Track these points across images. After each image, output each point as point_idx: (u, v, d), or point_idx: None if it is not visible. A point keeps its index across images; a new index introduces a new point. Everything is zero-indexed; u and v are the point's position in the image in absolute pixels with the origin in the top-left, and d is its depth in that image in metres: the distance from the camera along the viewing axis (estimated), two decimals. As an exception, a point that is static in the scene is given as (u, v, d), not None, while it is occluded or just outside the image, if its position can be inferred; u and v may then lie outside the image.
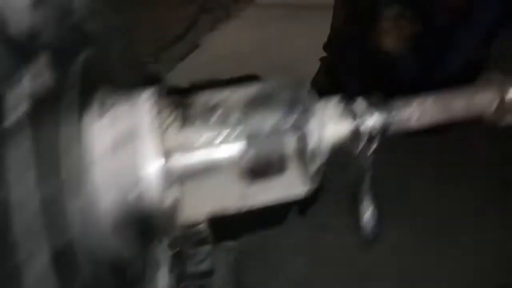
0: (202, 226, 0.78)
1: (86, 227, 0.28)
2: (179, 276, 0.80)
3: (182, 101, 0.35)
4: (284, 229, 1.15)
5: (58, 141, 0.27)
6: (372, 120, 0.37)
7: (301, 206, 1.21)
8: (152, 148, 0.31)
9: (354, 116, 0.38)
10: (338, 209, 1.17)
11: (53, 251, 0.23)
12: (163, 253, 0.53)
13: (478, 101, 0.39)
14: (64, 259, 0.25)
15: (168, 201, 0.33)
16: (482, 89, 0.40)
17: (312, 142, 0.34)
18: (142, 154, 0.31)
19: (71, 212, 0.27)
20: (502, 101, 0.39)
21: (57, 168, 0.26)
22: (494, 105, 0.40)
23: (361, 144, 0.38)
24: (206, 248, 0.87)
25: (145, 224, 0.32)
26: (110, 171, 0.31)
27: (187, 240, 0.81)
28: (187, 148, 0.35)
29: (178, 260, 0.81)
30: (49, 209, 0.23)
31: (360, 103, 0.38)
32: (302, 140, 0.36)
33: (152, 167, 0.31)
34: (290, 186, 0.39)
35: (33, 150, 0.23)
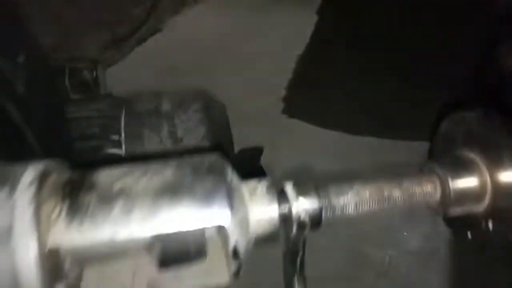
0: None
1: None
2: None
3: (77, 184, 0.30)
4: None
5: None
6: (301, 207, 0.34)
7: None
8: (29, 248, 0.26)
9: (283, 202, 0.34)
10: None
11: None
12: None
13: (419, 193, 0.36)
14: None
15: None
16: (423, 180, 0.37)
17: (229, 243, 0.30)
18: (18, 255, 0.26)
19: None
20: (444, 192, 0.37)
21: None
22: (437, 197, 0.37)
23: (292, 233, 0.34)
24: None
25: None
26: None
27: None
28: (80, 245, 0.29)
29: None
30: None
31: (289, 189, 0.34)
32: (222, 236, 0.32)
33: (29, 270, 0.26)
34: (210, 274, 0.35)
35: None
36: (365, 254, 1.22)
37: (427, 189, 0.36)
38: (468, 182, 0.37)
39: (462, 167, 0.37)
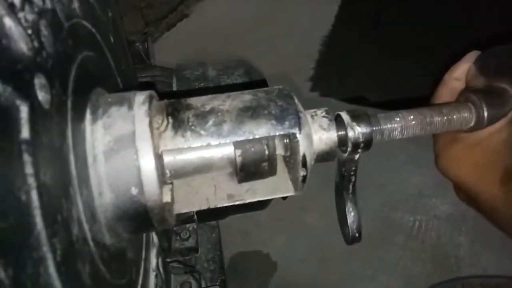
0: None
1: (90, 219, 0.31)
2: (167, 252, 0.83)
3: (177, 105, 0.37)
4: (267, 209, 1.20)
5: (65, 143, 0.28)
6: (356, 131, 0.40)
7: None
8: (148, 151, 0.33)
9: (340, 127, 0.40)
10: (316, 193, 1.22)
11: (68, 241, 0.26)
12: (154, 235, 0.55)
13: (457, 118, 0.42)
14: (76, 248, 0.27)
15: (163, 197, 0.35)
16: (461, 107, 0.42)
17: (299, 151, 0.37)
18: (140, 155, 0.33)
19: (80, 205, 0.29)
20: (479, 118, 0.42)
21: (67, 167, 0.28)
22: (472, 123, 0.43)
23: (347, 152, 0.41)
24: (191, 226, 0.90)
25: (143, 217, 0.34)
26: (112, 169, 0.33)
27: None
28: (181, 151, 0.37)
29: (166, 238, 0.84)
30: (64, 201, 0.26)
31: (345, 116, 0.40)
32: (292, 147, 0.38)
33: (149, 168, 0.33)
34: (277, 189, 0.42)
35: (46, 155, 0.25)
36: (396, 219, 1.28)
37: (464, 115, 0.42)
38: (499, 108, 0.42)
39: (494, 95, 0.42)
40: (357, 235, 0.45)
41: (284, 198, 0.46)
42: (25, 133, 0.23)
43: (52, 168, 0.25)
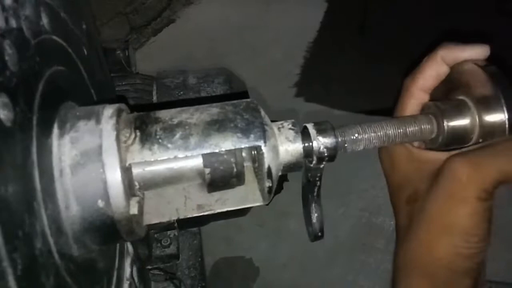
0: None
1: (56, 232, 0.31)
2: (146, 260, 0.84)
3: (145, 119, 0.38)
4: (248, 215, 1.22)
5: (29, 159, 0.29)
6: (320, 144, 0.41)
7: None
8: (114, 164, 0.34)
9: (305, 138, 0.41)
10: (298, 199, 1.24)
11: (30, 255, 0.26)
12: (129, 244, 0.56)
13: (418, 130, 0.43)
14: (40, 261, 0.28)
15: (131, 209, 0.36)
16: (423, 119, 0.44)
17: (266, 161, 0.38)
18: (106, 169, 0.34)
19: (44, 219, 0.30)
20: (439, 130, 0.44)
21: (31, 182, 0.29)
22: (433, 135, 0.44)
23: (312, 163, 0.42)
24: (172, 233, 0.91)
25: (111, 229, 0.35)
26: (78, 182, 0.33)
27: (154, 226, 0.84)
28: (148, 164, 0.37)
29: (147, 246, 0.85)
30: (27, 216, 0.27)
31: (311, 129, 0.41)
32: (258, 159, 0.40)
33: (115, 181, 0.34)
34: (246, 199, 0.43)
35: (7, 171, 0.26)
36: (377, 224, 1.30)
37: (425, 127, 0.44)
38: (460, 122, 0.44)
39: (456, 109, 0.44)
40: (319, 234, 0.47)
41: (266, 204, 0.48)
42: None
43: (14, 184, 0.26)
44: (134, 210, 0.36)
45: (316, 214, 0.48)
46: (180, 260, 0.92)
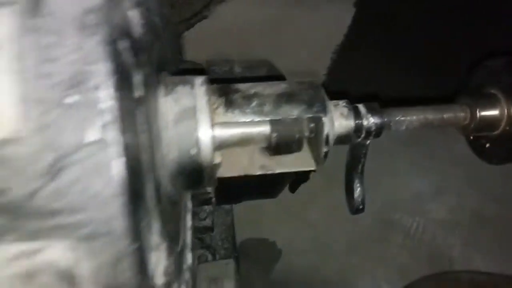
0: (209, 189, 0.90)
1: (160, 171, 0.40)
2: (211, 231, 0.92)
3: (227, 88, 0.46)
4: (274, 201, 1.29)
5: (148, 114, 0.37)
6: (369, 121, 0.48)
7: (293, 183, 1.34)
8: (206, 122, 0.42)
9: (357, 116, 0.49)
10: (319, 192, 1.32)
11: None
12: (189, 202, 0.64)
13: (452, 117, 0.50)
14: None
15: (215, 159, 0.44)
16: (456, 108, 0.51)
17: (324, 132, 0.45)
18: (199, 125, 0.42)
19: (156, 159, 0.38)
20: (472, 118, 0.51)
21: (151, 131, 0.37)
22: (466, 121, 0.51)
23: (360, 138, 0.50)
24: (208, 208, 0.99)
25: (198, 174, 0.43)
26: (178, 134, 0.42)
27: (196, 199, 0.93)
28: (229, 125, 0.45)
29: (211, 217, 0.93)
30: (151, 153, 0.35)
31: (361, 108, 0.49)
32: (317, 129, 0.47)
33: (205, 135, 0.42)
34: (303, 163, 0.50)
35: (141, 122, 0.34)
36: (395, 220, 1.36)
37: (459, 115, 0.51)
38: (490, 112, 0.51)
39: (488, 101, 0.51)
40: (361, 206, 0.54)
41: (293, 190, 0.54)
42: (138, 92, 0.32)
43: (143, 134, 0.34)
44: (217, 160, 0.44)
45: (358, 189, 0.55)
46: (214, 233, 1.00)
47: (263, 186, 0.99)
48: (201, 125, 0.42)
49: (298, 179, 1.30)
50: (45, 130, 0.22)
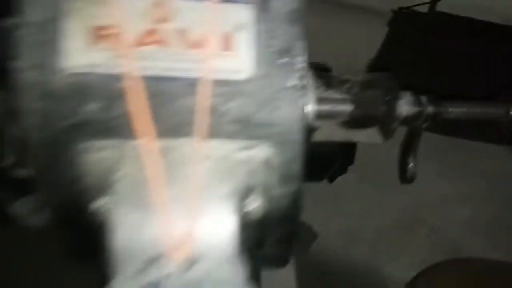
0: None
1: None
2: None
3: (327, 74, 0.62)
4: (313, 190, 1.44)
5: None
6: (428, 109, 0.64)
7: (333, 174, 1.49)
8: (313, 97, 0.58)
9: (419, 104, 0.64)
10: (352, 187, 1.46)
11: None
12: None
13: (495, 112, 0.65)
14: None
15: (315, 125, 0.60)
16: (499, 104, 0.66)
17: (395, 113, 0.61)
18: (308, 100, 0.58)
19: None
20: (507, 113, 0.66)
21: None
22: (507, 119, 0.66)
23: (419, 122, 0.65)
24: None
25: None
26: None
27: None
28: (327, 100, 0.61)
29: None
30: None
31: (422, 98, 0.64)
32: (389, 111, 0.63)
33: (312, 108, 0.58)
34: (373, 137, 0.66)
35: None
36: (421, 216, 1.49)
37: (500, 111, 0.66)
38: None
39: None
40: (411, 178, 0.69)
41: (331, 181, 0.70)
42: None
43: None
44: (317, 125, 0.60)
45: (411, 164, 0.70)
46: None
47: (313, 170, 1.13)
48: (308, 100, 0.58)
49: (337, 171, 1.46)
50: (267, 77, 0.39)
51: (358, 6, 2.51)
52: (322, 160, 0.79)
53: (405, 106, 0.64)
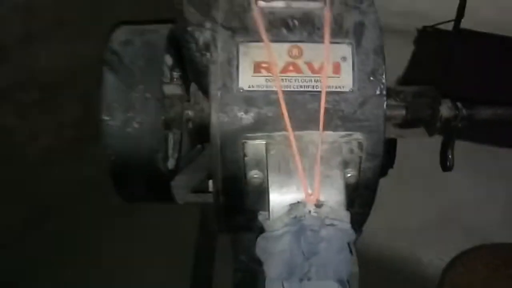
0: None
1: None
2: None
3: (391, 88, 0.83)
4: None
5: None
6: (463, 113, 0.84)
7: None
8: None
9: (456, 108, 0.84)
10: (397, 183, 1.64)
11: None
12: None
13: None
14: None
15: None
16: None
17: (438, 115, 0.81)
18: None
19: None
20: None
21: None
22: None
23: (456, 122, 0.85)
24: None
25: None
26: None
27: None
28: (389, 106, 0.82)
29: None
30: None
31: (458, 103, 0.84)
32: (434, 114, 0.83)
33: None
34: (420, 134, 0.86)
35: None
36: (456, 217, 1.65)
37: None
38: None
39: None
40: (451, 166, 0.88)
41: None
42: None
43: None
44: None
45: (450, 157, 0.89)
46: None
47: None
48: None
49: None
50: (361, 89, 0.60)
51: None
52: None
53: (445, 110, 0.84)
